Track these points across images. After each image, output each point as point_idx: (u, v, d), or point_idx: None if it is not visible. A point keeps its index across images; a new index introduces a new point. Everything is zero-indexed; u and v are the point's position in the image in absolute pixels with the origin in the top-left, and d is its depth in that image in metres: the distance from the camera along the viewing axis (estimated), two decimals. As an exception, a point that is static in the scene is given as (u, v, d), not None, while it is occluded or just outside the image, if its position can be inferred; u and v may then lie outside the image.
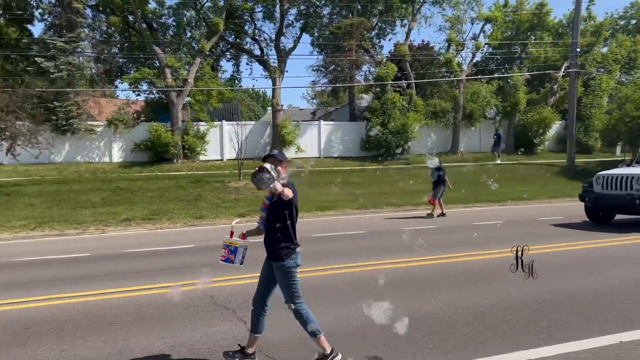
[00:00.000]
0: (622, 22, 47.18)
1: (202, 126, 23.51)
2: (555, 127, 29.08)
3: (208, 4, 24.72)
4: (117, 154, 22.48)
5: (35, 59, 21.13)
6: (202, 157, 23.41)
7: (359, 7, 27.67)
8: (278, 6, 25.27)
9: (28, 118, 15.81)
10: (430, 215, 13.19)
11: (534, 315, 5.08)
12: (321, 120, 27.32)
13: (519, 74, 28.31)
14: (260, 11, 26.15)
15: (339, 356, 3.97)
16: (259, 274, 4.23)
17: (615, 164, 23.77)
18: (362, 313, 5.12)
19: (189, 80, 22.71)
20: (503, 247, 8.26)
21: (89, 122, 22.27)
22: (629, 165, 13.40)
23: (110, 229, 12.24)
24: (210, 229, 12.33)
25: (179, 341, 4.65)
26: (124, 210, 14.50)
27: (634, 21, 47.79)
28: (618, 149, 29.23)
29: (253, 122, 27.95)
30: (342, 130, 26.24)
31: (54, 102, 20.48)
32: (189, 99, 23.82)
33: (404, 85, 27.91)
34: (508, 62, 31.98)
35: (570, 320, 4.90)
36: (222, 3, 24.27)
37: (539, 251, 8.04)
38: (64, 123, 20.71)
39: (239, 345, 4.21)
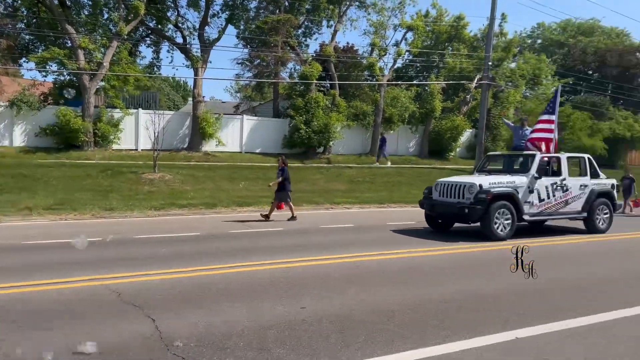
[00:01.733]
0: (529, 41, 51.00)
1: (117, 113, 22.29)
2: (467, 134, 30.77)
3: (129, -15, 23.47)
4: (19, 137, 20.74)
5: None
6: (115, 146, 22.24)
7: (287, 3, 27.61)
8: (204, -6, 24.56)
9: None
10: (266, 217, 12.24)
11: (440, 313, 5.31)
12: (244, 115, 26.95)
13: (435, 82, 29.61)
14: (184, -2, 25.29)
15: None
16: (168, 270, 4.07)
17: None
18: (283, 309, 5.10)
19: (104, 64, 21.46)
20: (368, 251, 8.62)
21: (-13, 101, 20.38)
22: (471, 173, 13.02)
23: (6, 219, 11.26)
24: (121, 221, 11.73)
25: (80, 340, 4.35)
26: (24, 199, 13.40)
27: (539, 41, 51.81)
28: (521, 159, 31.45)
29: (172, 112, 26.99)
30: (265, 126, 26.05)
31: (-54, 77, 18.53)
32: (103, 83, 22.50)
33: (328, 85, 28.24)
34: (426, 70, 33.35)
35: (472, 318, 5.17)
36: (144, -14, 23.15)
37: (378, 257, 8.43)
38: (-43, 100, 18.79)
39: None
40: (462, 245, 9.51)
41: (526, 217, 10.59)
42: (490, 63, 25.56)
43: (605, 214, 11.68)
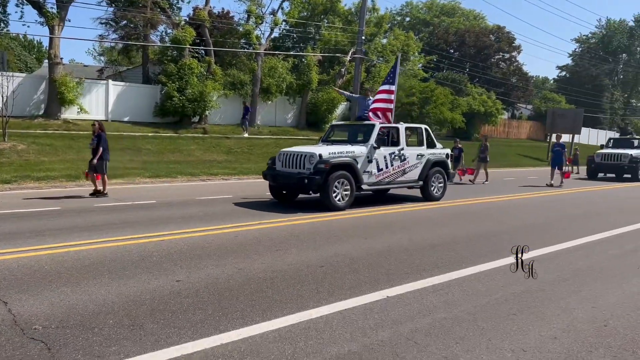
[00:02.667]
0: (399, 18, 53.56)
1: (-47, 74, 19.30)
2: (341, 107, 31.71)
3: None
4: None
5: None
6: (-48, 111, 19.32)
7: (157, -39, 25.75)
8: (59, -57, 21.90)
9: None
10: (97, 194, 10.81)
11: (319, 277, 5.47)
12: (109, 80, 24.90)
13: (312, 54, 29.93)
14: (35, -55, 22.29)
15: None
16: (23, 248, 3.64)
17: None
18: (149, 285, 4.87)
19: None
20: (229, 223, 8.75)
21: None
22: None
23: None
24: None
25: None
26: None
27: (407, 19, 54.64)
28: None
29: (24, 75, 24.05)
30: (134, 92, 24.35)
31: None
32: None
33: (203, 52, 27.12)
34: (303, 41, 33.54)
35: (347, 280, 5.40)
36: None
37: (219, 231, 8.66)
38: None
39: None
40: (308, 216, 9.78)
41: (365, 187, 10.64)
42: (363, 37, 26.42)
43: (440, 182, 12.18)
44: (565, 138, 43.65)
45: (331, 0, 32.04)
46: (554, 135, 20.56)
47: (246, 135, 24.57)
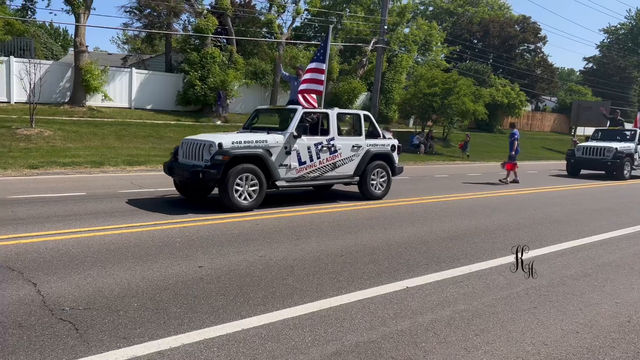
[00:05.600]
0: (422, 7, 52.86)
1: (-17, 61, 19.76)
2: (362, 97, 31.53)
3: None
4: None
5: None
6: (-19, 98, 19.80)
7: (180, -51, 25.83)
8: None
9: None
10: None
11: (337, 266, 5.50)
12: (133, 68, 25.17)
13: (333, 43, 29.76)
14: None
15: None
16: (50, 232, 3.74)
17: (408, 134, 26.91)
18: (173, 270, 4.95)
19: (-35, 3, 18.76)
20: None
21: None
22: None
23: None
24: (-9, 181, 10.56)
25: (-54, 310, 3.90)
26: None
27: (431, 8, 53.91)
28: (411, 121, 33.06)
29: (51, 62, 24.45)
30: (157, 81, 24.59)
31: None
32: (-36, 25, 19.74)
33: (225, 41, 27.22)
34: (325, 30, 33.38)
35: (366, 270, 5.43)
36: None
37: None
38: None
39: None
40: (330, 205, 9.79)
41: (282, 183, 8.99)
42: (385, 27, 26.19)
43: (382, 178, 10.50)
44: (591, 132, 42.96)
45: (354, -11, 31.79)
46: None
47: (219, 122, 23.49)
